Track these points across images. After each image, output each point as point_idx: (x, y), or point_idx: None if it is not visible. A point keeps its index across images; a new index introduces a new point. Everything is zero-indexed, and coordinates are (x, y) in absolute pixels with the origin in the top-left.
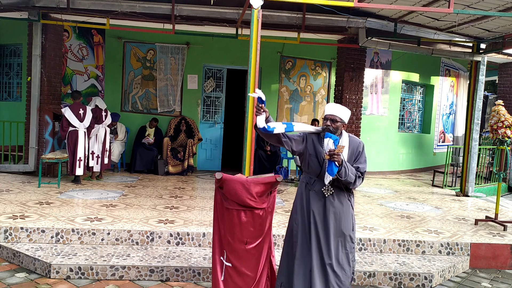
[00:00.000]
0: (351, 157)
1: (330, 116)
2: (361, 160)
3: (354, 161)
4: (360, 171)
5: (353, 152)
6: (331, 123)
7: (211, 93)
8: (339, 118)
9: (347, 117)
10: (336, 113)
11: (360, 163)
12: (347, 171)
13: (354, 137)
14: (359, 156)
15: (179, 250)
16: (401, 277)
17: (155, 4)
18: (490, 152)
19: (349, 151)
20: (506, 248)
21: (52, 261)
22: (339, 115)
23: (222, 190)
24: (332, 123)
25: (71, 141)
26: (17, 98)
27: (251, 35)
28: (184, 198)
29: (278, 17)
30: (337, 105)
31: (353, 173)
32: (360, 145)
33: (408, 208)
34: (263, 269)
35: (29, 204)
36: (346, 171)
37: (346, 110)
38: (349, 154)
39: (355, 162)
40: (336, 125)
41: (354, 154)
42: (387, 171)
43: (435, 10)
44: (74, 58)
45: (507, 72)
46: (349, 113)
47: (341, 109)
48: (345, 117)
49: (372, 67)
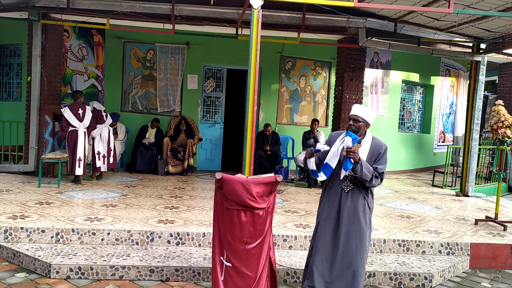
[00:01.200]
0: (371, 157)
1: (353, 116)
2: (381, 162)
3: (374, 161)
4: (378, 172)
5: (374, 153)
6: (353, 123)
7: (211, 93)
8: (362, 118)
9: (371, 118)
10: (358, 113)
11: (379, 164)
12: (362, 169)
13: (378, 140)
14: (379, 157)
15: (179, 250)
16: (401, 277)
17: (155, 4)
18: (490, 152)
19: (370, 152)
20: (506, 248)
21: (52, 261)
22: (361, 115)
23: (222, 190)
24: (354, 122)
25: (71, 141)
26: (17, 98)
27: (251, 35)
28: (184, 198)
29: (278, 17)
30: (361, 106)
31: (369, 172)
32: (382, 147)
33: (408, 208)
34: (263, 269)
35: (29, 204)
36: (361, 168)
37: (370, 112)
38: (369, 154)
39: (375, 162)
40: (358, 125)
41: (374, 155)
42: (387, 171)
43: (435, 10)
44: (74, 58)
45: (507, 72)
46: (373, 114)
47: (364, 110)
48: (368, 117)
49: (372, 67)
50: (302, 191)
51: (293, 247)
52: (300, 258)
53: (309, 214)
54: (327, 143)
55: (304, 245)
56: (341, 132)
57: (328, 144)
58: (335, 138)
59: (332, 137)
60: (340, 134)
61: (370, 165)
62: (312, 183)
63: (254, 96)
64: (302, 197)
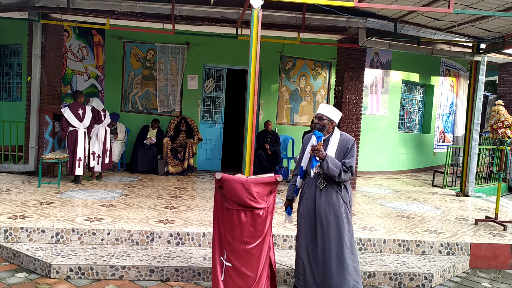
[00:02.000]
0: (340, 153)
1: (318, 114)
2: (348, 156)
3: (343, 156)
4: (346, 166)
5: (342, 149)
6: (318, 121)
7: (211, 93)
8: (326, 116)
9: (336, 116)
10: (322, 112)
11: (347, 158)
12: (328, 165)
13: (346, 135)
14: (347, 152)
15: (179, 250)
16: (401, 277)
17: (155, 4)
18: (490, 152)
19: (338, 148)
20: (506, 248)
21: (52, 261)
22: (325, 114)
23: (222, 190)
24: (319, 120)
25: (71, 141)
26: (17, 98)
27: (251, 35)
28: (184, 198)
29: (278, 17)
30: (326, 105)
31: (337, 167)
32: (349, 142)
33: (408, 208)
34: (263, 269)
35: (29, 204)
36: (327, 165)
37: (333, 110)
38: (338, 150)
39: (344, 157)
40: (323, 123)
41: (343, 151)
42: (387, 171)
43: (435, 10)
44: (74, 58)
45: (507, 72)
46: (337, 113)
47: (328, 109)
48: (332, 115)
49: (372, 67)
50: None
51: (293, 247)
52: None
53: None
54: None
55: None
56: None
57: (304, 148)
58: (307, 141)
59: (305, 140)
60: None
61: (340, 159)
62: None
63: (254, 96)
64: None
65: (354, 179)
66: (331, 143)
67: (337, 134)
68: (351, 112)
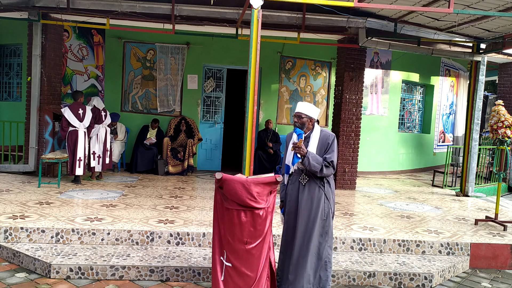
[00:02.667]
0: (322, 148)
1: (297, 113)
2: (329, 151)
3: (325, 152)
4: (327, 161)
5: (323, 144)
6: (297, 119)
7: (211, 93)
8: (304, 114)
9: (314, 113)
10: (301, 110)
11: (328, 154)
12: (310, 161)
13: (326, 131)
14: (328, 147)
15: (179, 250)
16: (401, 277)
17: (155, 4)
18: (490, 152)
19: (319, 144)
20: (506, 248)
21: (52, 261)
22: (304, 112)
23: (222, 190)
24: (298, 119)
25: (71, 141)
26: (17, 98)
27: (251, 35)
28: (184, 198)
29: (278, 17)
30: (304, 103)
31: (318, 162)
32: (329, 138)
33: (408, 208)
34: (263, 269)
35: (29, 204)
36: (308, 161)
37: (311, 107)
38: (319, 146)
39: (325, 153)
40: (302, 121)
41: (324, 146)
42: (387, 171)
43: (435, 10)
44: (74, 58)
45: (507, 72)
46: (316, 110)
47: (306, 106)
48: (310, 113)
49: (372, 67)
50: None
51: None
52: None
53: None
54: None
55: None
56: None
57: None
58: (290, 138)
59: (288, 138)
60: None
61: (321, 155)
62: None
63: (254, 96)
64: None
65: (354, 179)
66: (312, 139)
67: (317, 130)
68: (351, 112)
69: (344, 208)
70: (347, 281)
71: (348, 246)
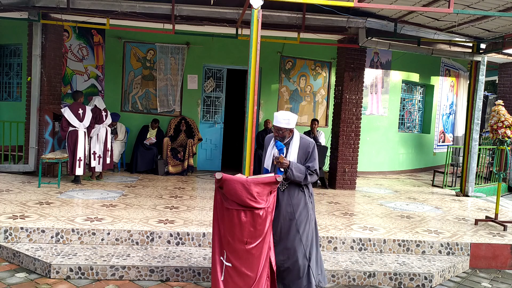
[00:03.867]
0: (302, 156)
1: (276, 127)
2: (311, 160)
3: (306, 160)
4: (311, 170)
5: (304, 153)
6: (277, 134)
7: (211, 93)
8: (283, 127)
9: (293, 122)
10: (280, 125)
11: (310, 162)
12: (293, 173)
13: (305, 138)
14: (309, 156)
15: (179, 250)
16: (401, 277)
17: (155, 4)
18: (490, 152)
19: (300, 151)
20: (506, 248)
21: (52, 261)
22: (282, 126)
23: (222, 190)
24: (278, 132)
25: (71, 141)
26: (17, 98)
27: (251, 35)
28: (184, 198)
29: (278, 17)
30: (282, 115)
31: (301, 173)
32: (310, 146)
33: (408, 208)
34: (263, 269)
35: (29, 204)
36: (292, 173)
37: (290, 118)
38: (300, 154)
39: (306, 161)
40: (283, 134)
41: (305, 154)
42: (387, 171)
43: (435, 10)
44: (74, 58)
45: (507, 72)
46: (294, 119)
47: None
48: (290, 124)
49: (372, 67)
50: None
51: None
52: None
53: None
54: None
55: None
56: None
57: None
58: (268, 141)
59: (266, 140)
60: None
61: (303, 163)
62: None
63: (254, 96)
64: None
65: (354, 179)
66: (292, 146)
67: (296, 137)
68: (351, 112)
69: (344, 208)
70: (347, 281)
71: (348, 246)
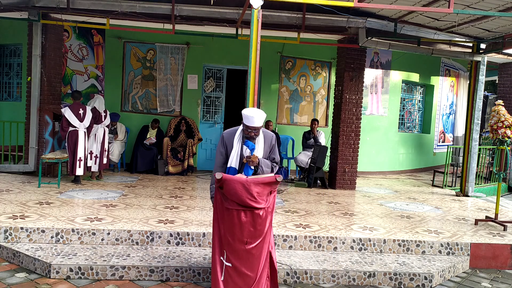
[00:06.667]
0: (267, 149)
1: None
2: (274, 152)
3: (270, 152)
4: (276, 162)
5: (269, 145)
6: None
7: (211, 93)
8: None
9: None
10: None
11: (274, 154)
12: (263, 169)
13: (267, 132)
14: (273, 148)
15: (179, 250)
16: (401, 277)
17: (155, 4)
18: (490, 152)
19: (265, 145)
20: (506, 248)
21: (52, 261)
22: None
23: (222, 190)
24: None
25: (71, 141)
26: (17, 98)
27: (251, 35)
28: (184, 198)
29: (278, 17)
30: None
31: (268, 167)
32: (273, 139)
33: (408, 208)
34: (263, 269)
35: (29, 204)
36: (262, 170)
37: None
38: (265, 147)
39: (270, 153)
40: (258, 133)
41: (269, 147)
42: (387, 171)
43: (435, 10)
44: (74, 58)
45: (507, 72)
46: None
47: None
48: (262, 121)
49: (372, 67)
50: (302, 191)
51: (293, 247)
52: (300, 258)
53: (309, 214)
54: (224, 145)
55: (304, 245)
56: (233, 130)
57: (226, 146)
58: (231, 138)
59: (228, 138)
60: (233, 133)
61: (267, 154)
62: (312, 183)
63: (254, 96)
64: (302, 197)
65: (354, 179)
66: (259, 142)
67: (261, 133)
68: (351, 112)
69: (344, 208)
70: (347, 281)
71: (348, 246)
